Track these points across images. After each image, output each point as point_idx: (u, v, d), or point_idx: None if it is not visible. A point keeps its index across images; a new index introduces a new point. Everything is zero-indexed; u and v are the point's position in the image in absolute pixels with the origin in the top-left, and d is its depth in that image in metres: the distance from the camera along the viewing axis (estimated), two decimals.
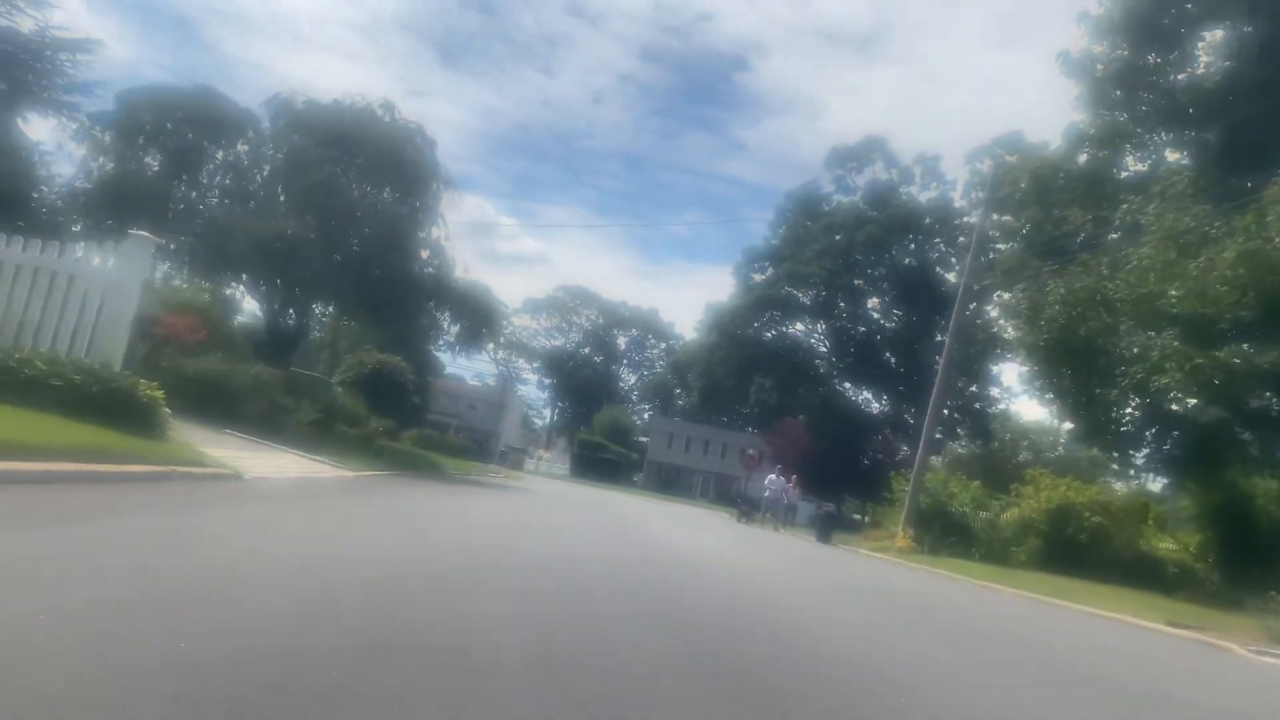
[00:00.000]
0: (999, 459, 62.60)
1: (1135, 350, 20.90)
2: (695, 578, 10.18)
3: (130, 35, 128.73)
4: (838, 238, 45.69)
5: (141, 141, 19.57)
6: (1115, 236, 26.54)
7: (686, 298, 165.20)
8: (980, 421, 50.11)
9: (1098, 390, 24.61)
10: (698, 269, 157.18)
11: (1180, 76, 28.01)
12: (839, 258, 44.96)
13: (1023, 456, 62.70)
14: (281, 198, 20.86)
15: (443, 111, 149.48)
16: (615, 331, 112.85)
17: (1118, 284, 21.61)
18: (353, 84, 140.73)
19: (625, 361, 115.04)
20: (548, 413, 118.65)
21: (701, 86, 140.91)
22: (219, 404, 16.10)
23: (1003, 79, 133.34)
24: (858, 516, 58.77)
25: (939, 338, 46.82)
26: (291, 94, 21.83)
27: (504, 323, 23.59)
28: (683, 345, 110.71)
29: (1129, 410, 25.64)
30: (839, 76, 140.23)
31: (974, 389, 49.91)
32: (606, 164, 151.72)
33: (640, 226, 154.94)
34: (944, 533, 27.54)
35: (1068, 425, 48.21)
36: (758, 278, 47.72)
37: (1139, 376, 20.51)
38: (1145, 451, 24.83)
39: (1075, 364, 23.46)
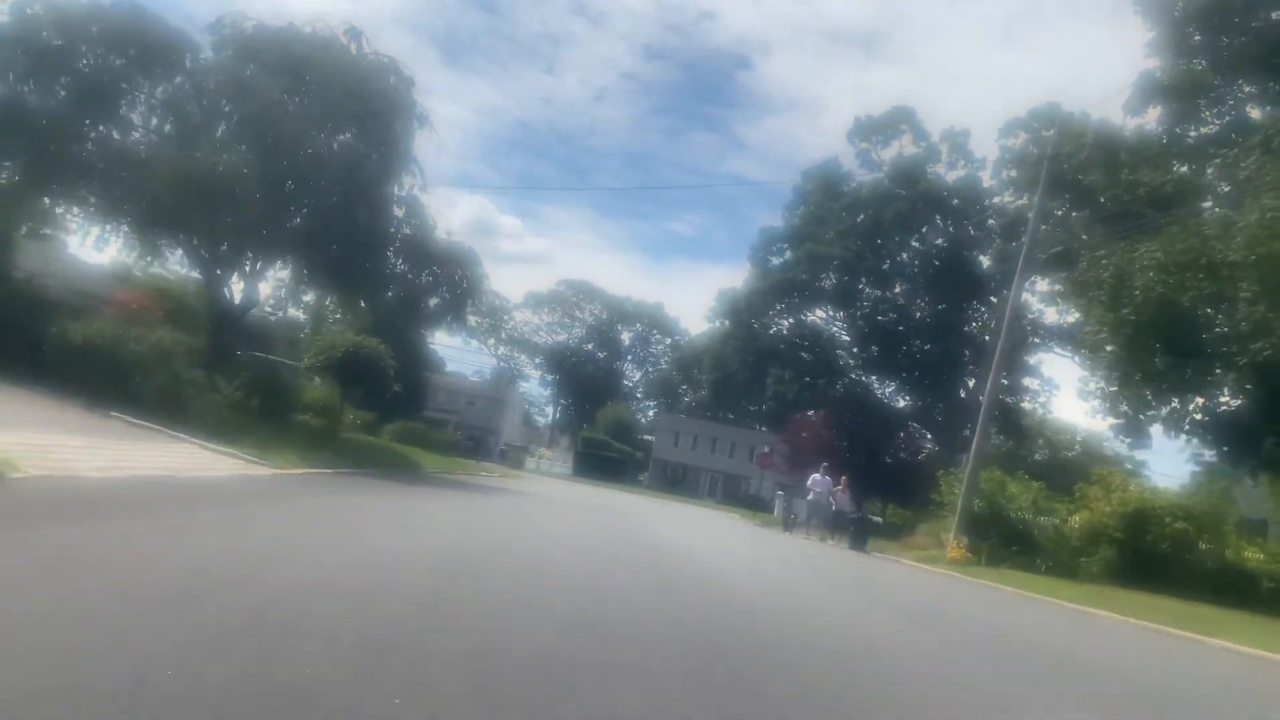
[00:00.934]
0: (1016, 459, 58.74)
1: (1256, 320, 16.94)
2: (731, 601, 6.76)
3: None
4: (861, 217, 41.71)
5: (44, 65, 15.66)
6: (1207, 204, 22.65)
7: (690, 297, 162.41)
8: (1012, 418, 46.12)
9: (1189, 374, 20.69)
10: (701, 268, 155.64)
11: (1276, 15, 24.04)
12: (863, 239, 40.99)
13: (1039, 455, 58.84)
14: (219, 133, 16.93)
15: (445, 110, 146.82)
16: (619, 327, 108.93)
17: (1232, 245, 17.63)
18: None
19: (629, 358, 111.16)
20: (550, 410, 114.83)
21: (704, 85, 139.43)
22: (112, 379, 12.23)
23: (1007, 77, 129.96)
24: (878, 519, 54.84)
25: (971, 326, 42.87)
26: (241, 16, 17.97)
27: (488, 293, 19.47)
28: (689, 341, 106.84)
29: (1224, 395, 21.74)
30: (843, 75, 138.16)
31: (1004, 381, 45.90)
32: (609, 163, 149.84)
33: (658, 187, 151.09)
34: (1002, 541, 23.65)
35: (1113, 420, 44.38)
36: (775, 261, 43.75)
37: (1265, 353, 16.54)
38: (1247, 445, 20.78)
39: (1170, 341, 19.48)
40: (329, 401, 25.98)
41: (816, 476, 27.57)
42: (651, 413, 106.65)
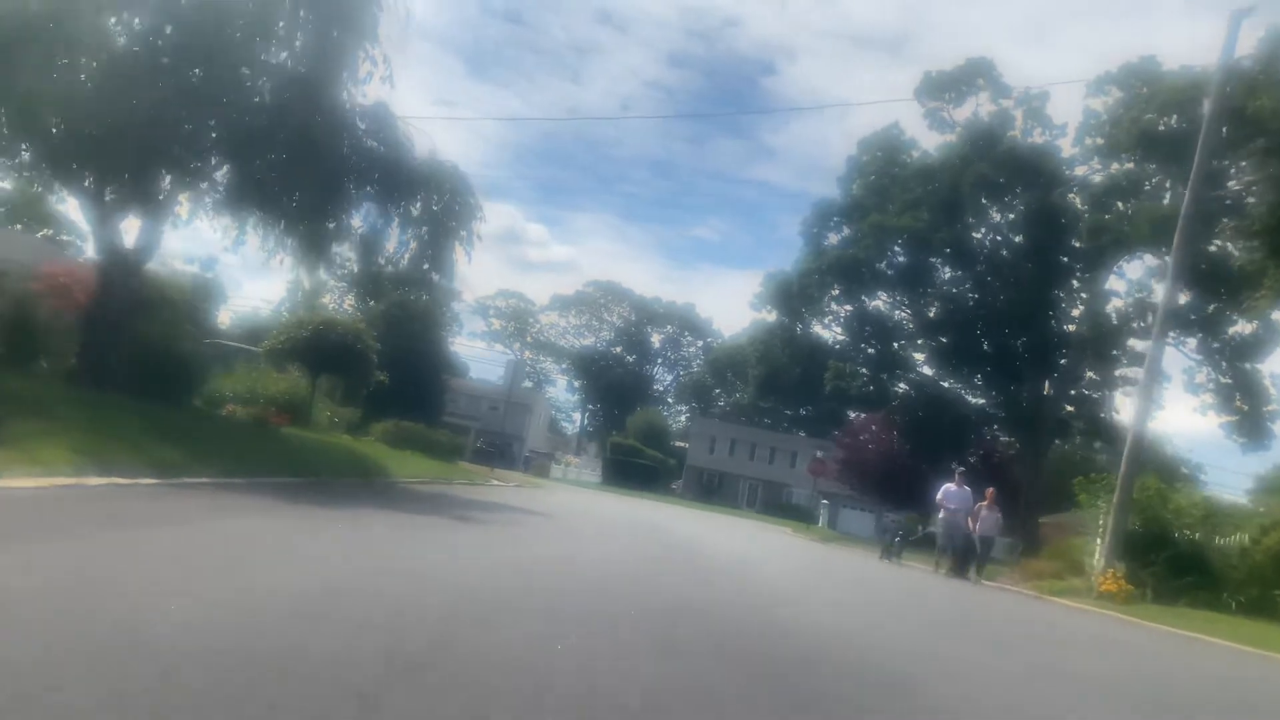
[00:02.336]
0: (1089, 463, 52.30)
1: None
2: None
3: None
4: (933, 186, 35.62)
5: None
6: None
7: (716, 301, 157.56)
8: (1094, 415, 39.83)
9: None
10: (726, 273, 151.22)
11: None
12: (936, 210, 34.88)
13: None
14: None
15: (472, 121, 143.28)
16: (649, 329, 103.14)
17: None
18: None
19: (660, 361, 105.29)
20: (577, 417, 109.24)
21: (729, 92, 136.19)
22: None
23: (1033, 78, 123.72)
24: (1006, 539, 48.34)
25: (1054, 312, 36.69)
26: None
27: (480, 222, 13.63)
28: (722, 342, 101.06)
29: None
30: (868, 79, 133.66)
31: (1090, 374, 39.65)
32: (635, 171, 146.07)
33: (723, 113, 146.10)
34: (1170, 569, 17.68)
35: (1226, 418, 37.87)
36: (833, 238, 37.77)
37: None
38: None
39: None
40: (294, 393, 20.53)
41: (950, 488, 21.06)
42: (684, 418, 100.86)
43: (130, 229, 13.47)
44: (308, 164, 12.85)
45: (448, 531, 9.78)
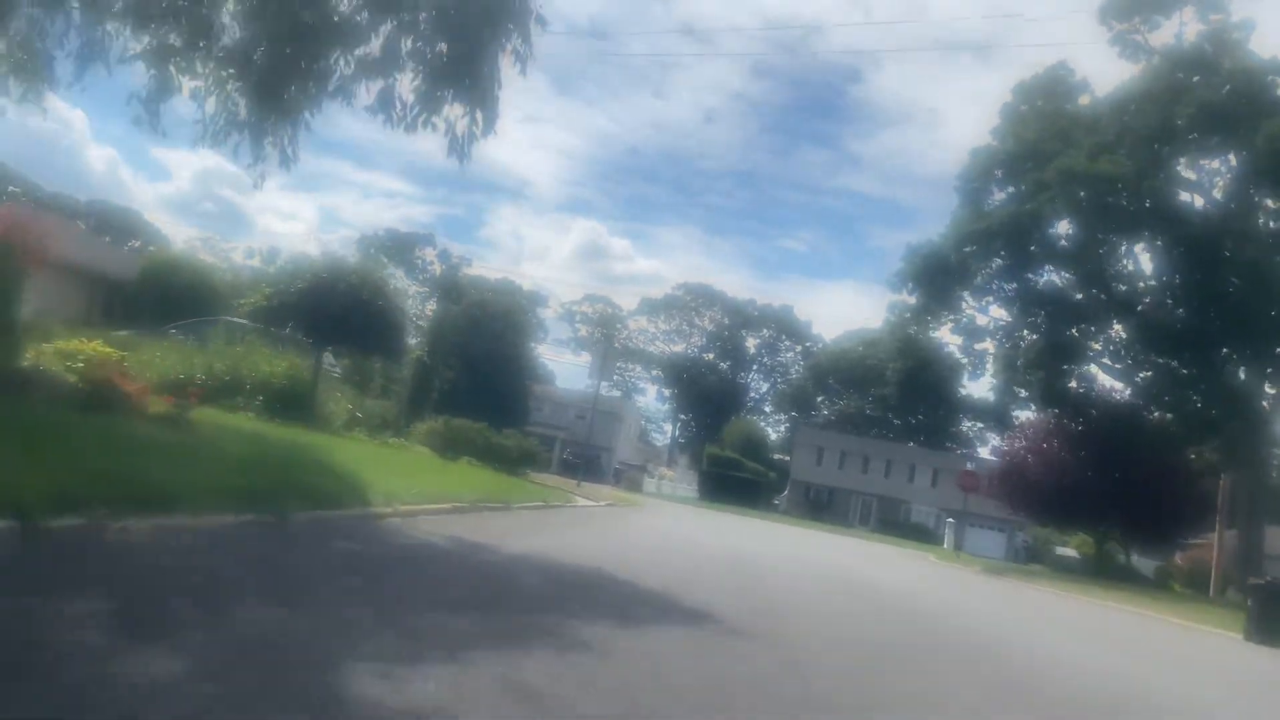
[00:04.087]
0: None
1: None
2: None
3: None
4: (1130, 126, 27.22)
5: None
6: None
7: (806, 314, 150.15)
8: None
9: None
10: (816, 284, 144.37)
11: None
12: (1136, 153, 26.49)
13: None
14: None
15: (558, 138, 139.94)
16: (743, 333, 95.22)
17: None
18: None
19: (755, 367, 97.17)
20: (668, 427, 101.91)
21: (814, 101, 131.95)
22: None
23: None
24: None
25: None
26: None
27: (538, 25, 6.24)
28: (824, 347, 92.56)
29: None
30: (957, 84, 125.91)
31: None
32: (720, 183, 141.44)
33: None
34: None
35: None
36: (998, 195, 29.61)
37: None
38: None
39: None
40: (289, 372, 13.88)
41: None
42: (783, 428, 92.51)
43: None
44: None
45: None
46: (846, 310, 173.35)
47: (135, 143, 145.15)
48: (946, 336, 33.72)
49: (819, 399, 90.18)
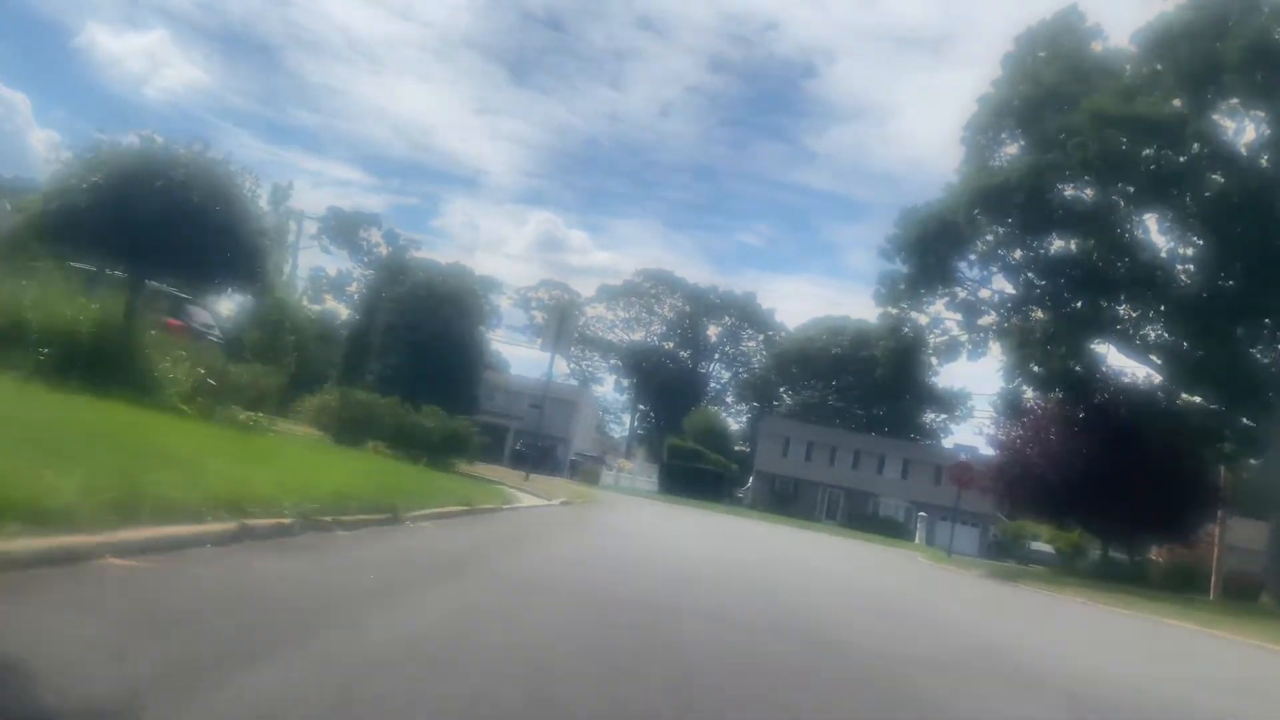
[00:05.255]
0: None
1: None
2: None
3: (216, 64, 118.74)
4: (1162, 58, 23.23)
5: None
6: None
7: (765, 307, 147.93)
8: None
9: None
10: (771, 278, 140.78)
11: None
12: (1184, 95, 22.51)
13: None
14: None
15: (514, 128, 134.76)
16: (705, 321, 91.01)
17: None
18: (426, 104, 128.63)
19: (716, 356, 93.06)
20: (626, 419, 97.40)
21: (770, 96, 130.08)
22: None
23: None
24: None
25: None
26: None
27: None
28: (786, 336, 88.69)
29: None
30: (911, 80, 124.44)
31: None
32: (677, 176, 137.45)
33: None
34: None
35: None
36: (1009, 149, 25.56)
37: None
38: None
39: None
40: (102, 318, 9.06)
41: None
42: (744, 419, 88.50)
43: None
44: None
45: None
46: (802, 304, 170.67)
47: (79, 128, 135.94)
48: (942, 313, 29.56)
49: (781, 389, 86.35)
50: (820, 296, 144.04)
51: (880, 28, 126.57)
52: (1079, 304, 26.00)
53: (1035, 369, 26.13)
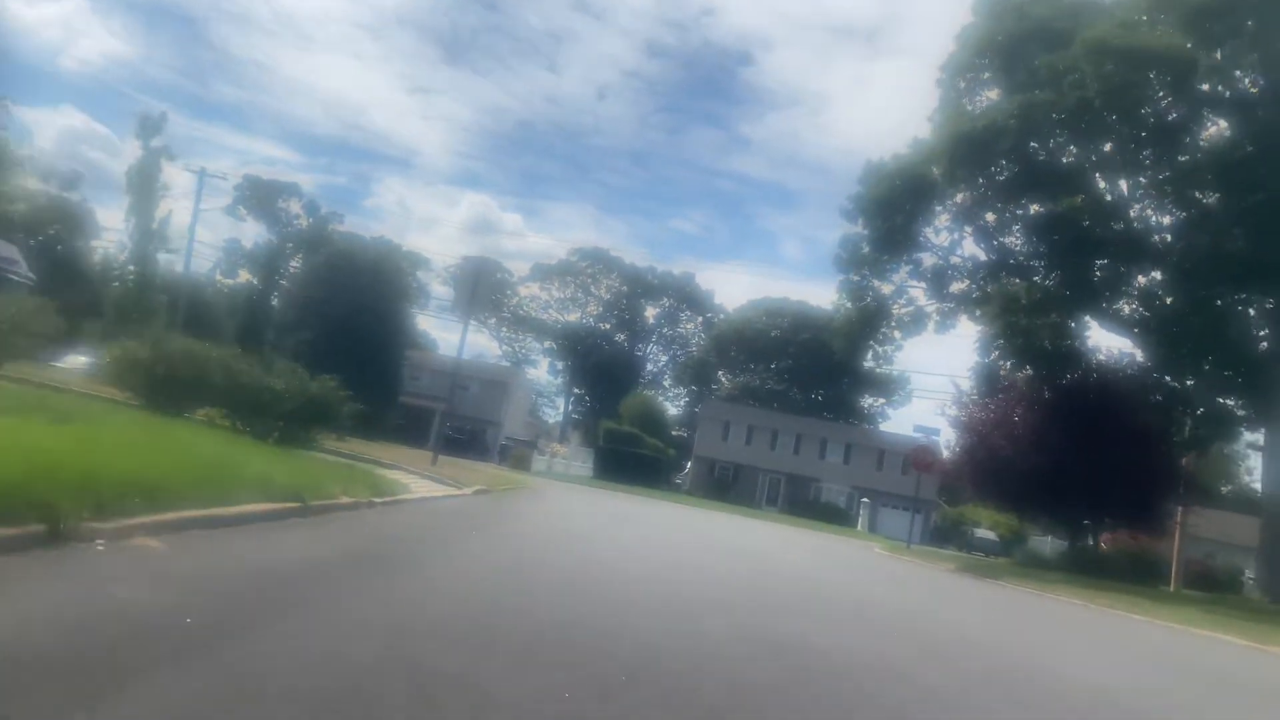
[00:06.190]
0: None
1: None
2: None
3: (136, 35, 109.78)
4: None
5: None
6: None
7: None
8: None
9: None
10: (707, 265, 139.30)
11: None
12: (1192, 28, 19.58)
13: None
14: None
15: (448, 109, 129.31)
16: (643, 302, 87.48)
17: None
18: (357, 81, 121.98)
19: (654, 338, 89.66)
20: (561, 402, 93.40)
21: (706, 82, 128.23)
22: None
23: None
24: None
25: None
26: None
27: None
28: (725, 318, 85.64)
29: None
30: (845, 70, 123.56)
31: None
32: (613, 160, 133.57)
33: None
34: None
35: None
36: (989, 96, 22.46)
37: None
38: None
39: None
40: None
41: None
42: (683, 403, 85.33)
43: None
44: None
45: None
46: (738, 291, 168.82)
47: None
48: (908, 281, 26.43)
49: (720, 372, 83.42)
50: (756, 285, 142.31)
51: (816, 16, 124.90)
52: (1072, 268, 22.92)
53: (1019, 339, 23.12)
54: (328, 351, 46.34)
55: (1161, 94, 19.43)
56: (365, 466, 11.80)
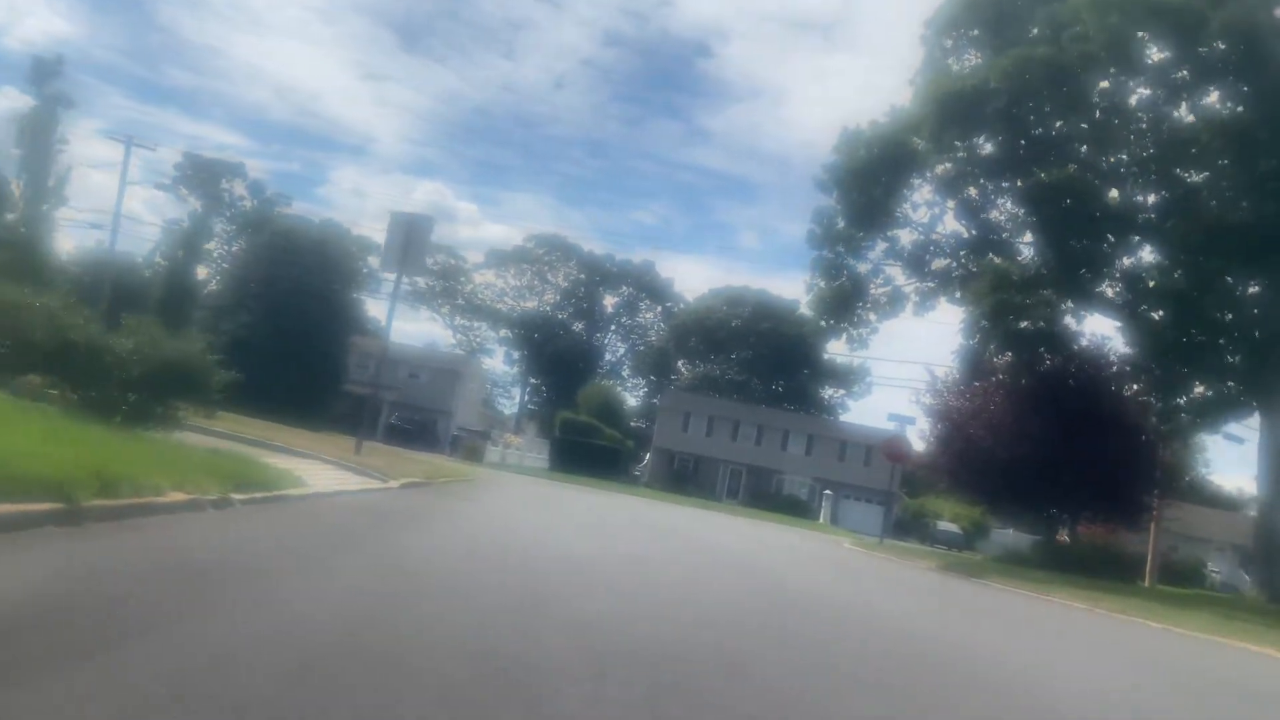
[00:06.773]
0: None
1: None
2: None
3: (81, 15, 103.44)
4: None
5: None
6: None
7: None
8: None
9: None
10: (665, 256, 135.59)
11: None
12: None
13: None
14: None
15: (403, 96, 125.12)
16: (601, 290, 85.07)
17: None
18: (311, 67, 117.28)
19: (613, 328, 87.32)
20: (517, 392, 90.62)
21: (664, 73, 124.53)
22: None
23: None
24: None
25: None
26: None
27: None
28: (685, 307, 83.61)
29: None
30: (803, 63, 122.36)
31: None
32: (571, 150, 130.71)
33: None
34: None
35: None
36: (973, 58, 20.55)
37: None
38: None
39: None
40: None
41: None
42: (641, 394, 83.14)
43: None
44: None
45: None
46: (697, 284, 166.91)
47: None
48: (884, 261, 24.49)
49: (680, 361, 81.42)
50: (715, 279, 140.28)
51: (774, 8, 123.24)
52: (1063, 242, 20.97)
53: (1008, 318, 21.23)
54: (271, 335, 43.33)
55: (1174, 47, 17.60)
56: (250, 454, 9.37)
